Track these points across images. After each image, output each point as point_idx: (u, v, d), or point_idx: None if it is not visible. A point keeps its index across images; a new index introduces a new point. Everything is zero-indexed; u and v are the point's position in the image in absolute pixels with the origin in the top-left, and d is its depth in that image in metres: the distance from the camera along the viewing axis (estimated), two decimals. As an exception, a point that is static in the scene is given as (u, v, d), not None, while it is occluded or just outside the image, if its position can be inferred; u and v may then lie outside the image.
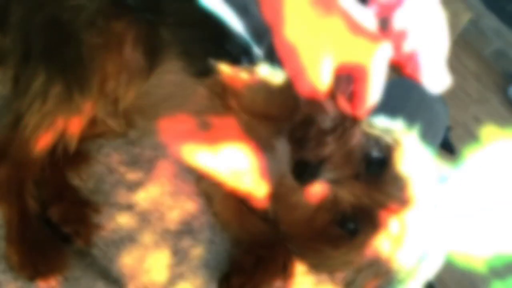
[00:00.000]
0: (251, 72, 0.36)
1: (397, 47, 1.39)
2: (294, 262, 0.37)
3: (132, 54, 0.34)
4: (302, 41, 0.27)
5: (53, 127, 0.32)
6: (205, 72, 0.36)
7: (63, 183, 0.35)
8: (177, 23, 0.36)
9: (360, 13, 0.28)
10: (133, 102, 0.37)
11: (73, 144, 0.33)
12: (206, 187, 0.41)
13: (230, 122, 0.35)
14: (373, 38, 0.28)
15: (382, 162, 0.32)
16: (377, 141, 0.33)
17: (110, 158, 0.39)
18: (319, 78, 0.28)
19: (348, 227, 0.32)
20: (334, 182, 0.29)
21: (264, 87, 0.35)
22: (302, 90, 0.29)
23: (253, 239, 0.38)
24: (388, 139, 0.34)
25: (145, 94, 0.37)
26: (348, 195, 0.30)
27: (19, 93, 0.32)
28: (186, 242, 0.38)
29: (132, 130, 0.40)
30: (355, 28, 0.28)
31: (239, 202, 0.39)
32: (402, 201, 0.31)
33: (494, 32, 1.98)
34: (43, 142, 0.32)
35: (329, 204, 0.30)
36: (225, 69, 0.35)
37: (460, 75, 1.91)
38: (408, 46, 1.39)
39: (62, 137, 0.33)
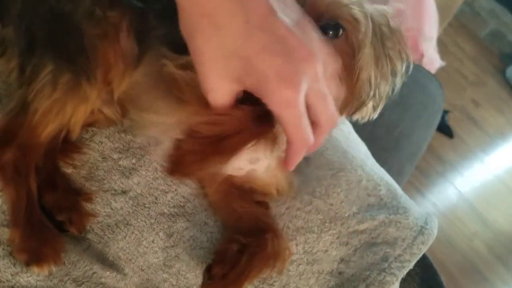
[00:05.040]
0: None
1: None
2: (286, 249, 0.38)
3: (127, 42, 0.34)
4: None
5: (62, 114, 0.33)
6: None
7: (56, 171, 0.36)
8: (165, 8, 0.36)
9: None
10: (125, 91, 0.37)
11: (76, 131, 0.35)
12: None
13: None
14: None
15: None
16: None
17: (103, 145, 0.39)
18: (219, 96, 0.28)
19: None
20: None
21: None
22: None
23: (241, 224, 0.39)
24: None
25: (135, 84, 0.37)
26: None
27: (25, 82, 0.33)
28: (180, 224, 0.39)
29: (125, 119, 0.40)
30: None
31: (230, 186, 0.40)
32: None
33: (489, 13, 1.97)
34: (50, 127, 0.33)
35: None
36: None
37: (456, 58, 1.90)
38: (404, 28, 1.38)
39: (67, 124, 0.34)
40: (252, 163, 0.37)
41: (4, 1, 0.34)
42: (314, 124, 0.30)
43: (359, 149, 0.52)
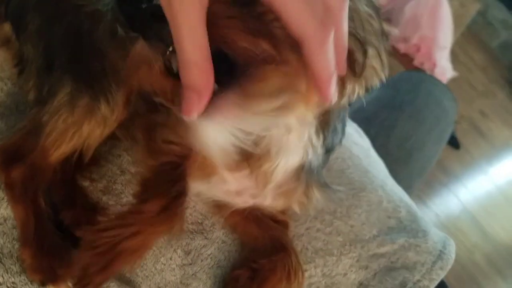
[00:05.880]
0: None
1: (406, 38, 1.37)
2: (300, 271, 0.36)
3: None
4: None
5: (77, 137, 0.32)
6: None
7: (74, 186, 0.35)
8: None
9: None
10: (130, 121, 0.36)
11: (89, 153, 0.33)
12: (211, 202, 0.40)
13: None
14: None
15: None
16: None
17: (121, 159, 0.38)
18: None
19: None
20: None
21: None
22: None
23: (258, 244, 0.38)
24: None
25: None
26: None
27: (41, 101, 0.32)
28: (198, 242, 0.38)
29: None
30: None
31: (243, 211, 0.38)
32: None
33: (502, 23, 1.95)
34: (63, 149, 0.32)
35: None
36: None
37: (466, 68, 1.88)
38: (417, 37, 1.36)
39: (80, 146, 0.33)
40: (254, 198, 0.36)
41: (22, 17, 0.32)
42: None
43: (380, 168, 0.51)
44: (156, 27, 0.26)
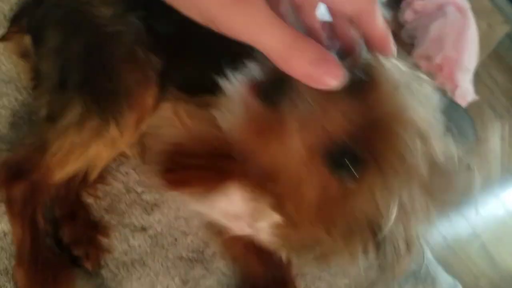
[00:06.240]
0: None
1: (429, 57, 1.33)
2: None
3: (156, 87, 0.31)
4: None
5: (82, 158, 0.31)
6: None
7: (77, 202, 0.35)
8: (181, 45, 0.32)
9: None
10: (140, 140, 0.35)
11: (95, 173, 0.32)
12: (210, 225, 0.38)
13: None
14: None
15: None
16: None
17: (128, 177, 0.37)
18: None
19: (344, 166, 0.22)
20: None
21: None
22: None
23: (257, 279, 0.37)
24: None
25: (148, 134, 0.34)
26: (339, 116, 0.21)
27: (50, 119, 0.31)
28: (197, 271, 0.37)
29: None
30: None
31: (244, 241, 0.37)
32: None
33: (530, 47, 1.88)
34: (68, 170, 0.31)
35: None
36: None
37: (488, 89, 1.83)
38: (441, 57, 1.32)
39: (86, 167, 0.32)
40: (251, 226, 0.34)
41: (41, 33, 0.31)
42: None
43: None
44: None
